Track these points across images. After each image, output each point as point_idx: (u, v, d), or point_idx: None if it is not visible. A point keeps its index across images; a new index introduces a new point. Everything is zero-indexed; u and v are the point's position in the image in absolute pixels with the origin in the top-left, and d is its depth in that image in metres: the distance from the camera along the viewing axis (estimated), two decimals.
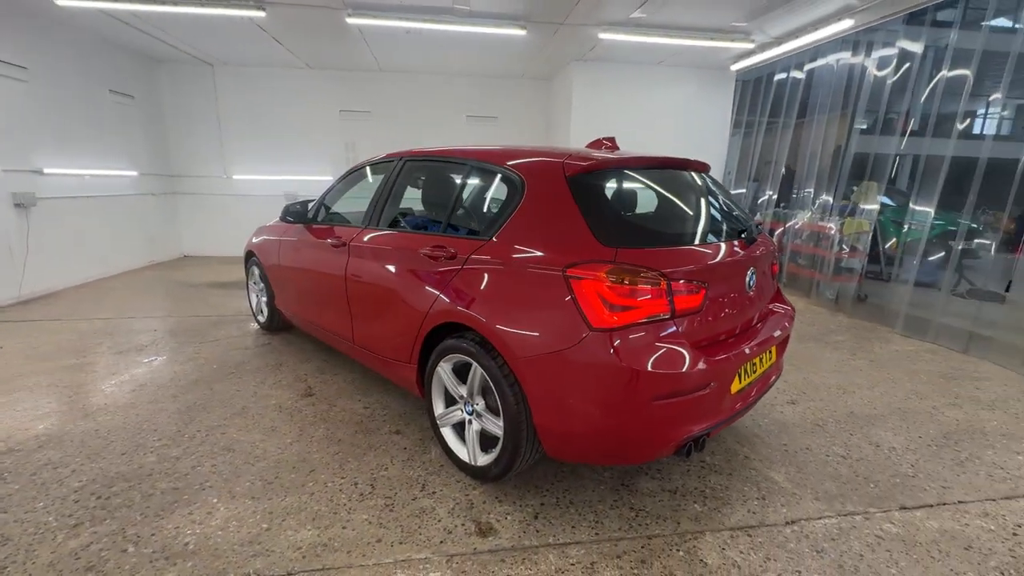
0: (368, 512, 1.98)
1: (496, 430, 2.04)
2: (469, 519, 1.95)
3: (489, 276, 2.03)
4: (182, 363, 3.51)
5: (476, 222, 2.32)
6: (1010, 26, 5.92)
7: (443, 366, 2.25)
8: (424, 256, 2.33)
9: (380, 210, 2.80)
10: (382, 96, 8.12)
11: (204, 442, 2.49)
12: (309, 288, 3.35)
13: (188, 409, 2.83)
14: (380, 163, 3.08)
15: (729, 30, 5.73)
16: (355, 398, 3.02)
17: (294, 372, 3.40)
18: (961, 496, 2.18)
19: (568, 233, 1.88)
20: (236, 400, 2.96)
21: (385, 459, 2.37)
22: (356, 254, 2.81)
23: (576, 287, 1.77)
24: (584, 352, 1.72)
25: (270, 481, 2.18)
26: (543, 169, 2.06)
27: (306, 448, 2.45)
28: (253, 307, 4.39)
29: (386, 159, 3.01)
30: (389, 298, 2.54)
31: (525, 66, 7.56)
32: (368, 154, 8.24)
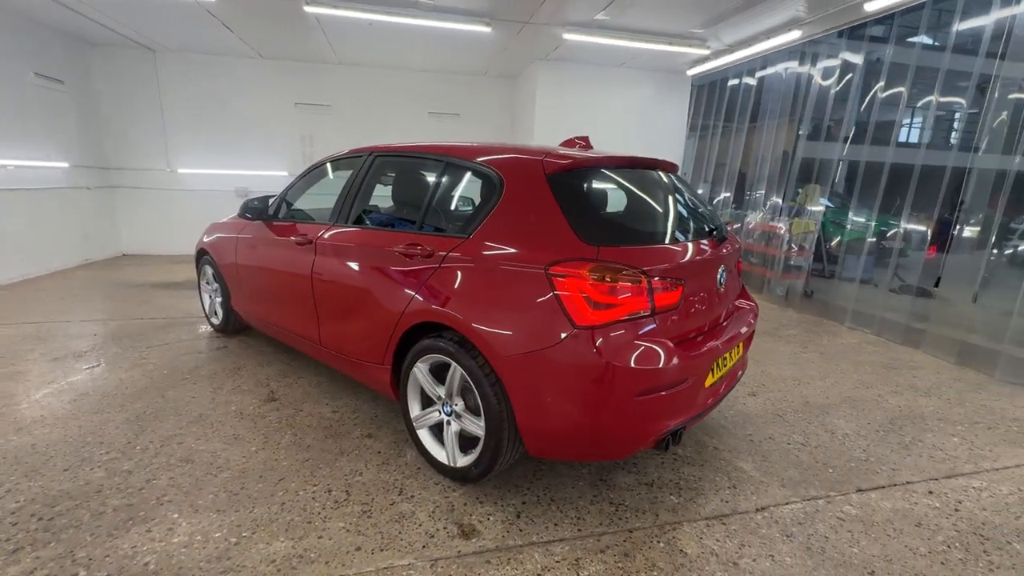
0: (344, 520, 1.91)
1: (477, 430, 2.01)
2: (451, 521, 1.92)
3: (468, 275, 2.01)
4: (128, 369, 3.27)
5: (451, 220, 2.27)
6: (935, 44, 6.44)
7: (419, 367, 2.21)
8: (398, 254, 2.27)
9: (349, 207, 2.70)
10: (341, 90, 7.86)
11: (159, 453, 2.32)
12: (270, 288, 3.20)
13: (138, 419, 2.64)
14: (346, 158, 2.98)
15: (687, 36, 5.92)
16: (322, 402, 2.91)
17: (254, 376, 3.23)
18: (908, 477, 2.35)
19: (549, 231, 1.88)
20: (192, 407, 2.78)
21: (359, 464, 2.29)
22: (323, 252, 2.70)
23: (559, 285, 1.77)
24: (568, 350, 1.73)
25: (236, 492, 2.06)
26: (522, 167, 2.05)
27: (273, 456, 2.33)
28: (206, 309, 4.15)
29: (353, 154, 2.92)
30: (360, 298, 2.46)
31: (489, 63, 7.53)
32: (326, 149, 7.95)
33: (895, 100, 5.41)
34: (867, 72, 6.63)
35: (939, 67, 5.08)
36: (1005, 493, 2.24)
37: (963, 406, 3.18)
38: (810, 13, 5.04)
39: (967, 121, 6.65)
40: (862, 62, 6.17)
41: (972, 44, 5.01)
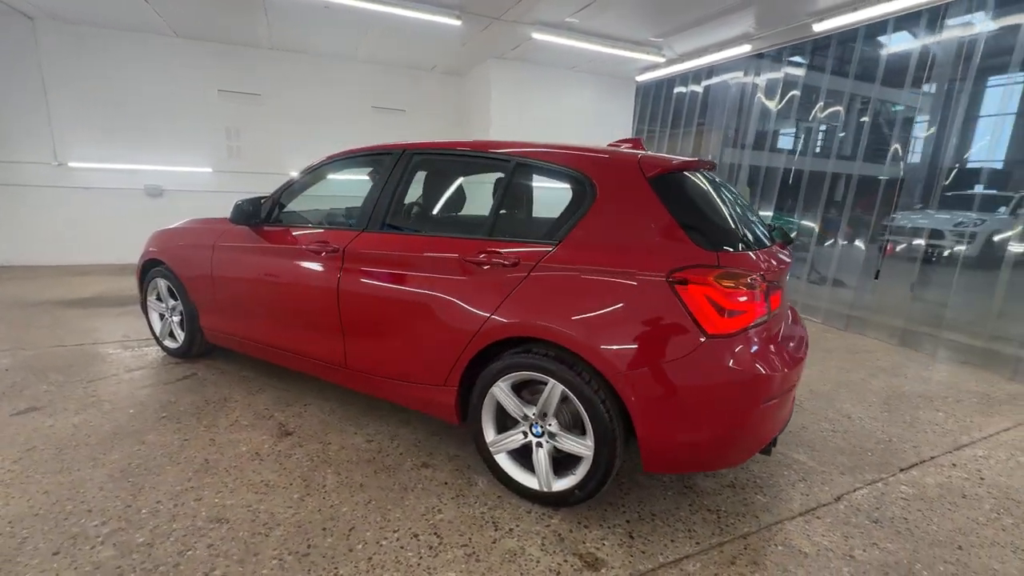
0: (453, 568, 1.68)
1: (581, 450, 1.87)
2: (569, 553, 1.77)
3: (568, 285, 1.86)
4: (78, 412, 2.63)
5: (528, 226, 2.11)
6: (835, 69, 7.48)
7: (500, 386, 2.01)
8: (468, 264, 2.05)
9: (384, 210, 2.40)
10: (273, 78, 7.10)
11: (176, 515, 1.88)
12: (267, 303, 2.76)
13: (124, 474, 2.12)
14: (367, 156, 2.65)
15: (645, 43, 6.15)
16: (348, 431, 2.56)
17: (250, 408, 2.77)
18: (930, 452, 2.61)
19: (660, 237, 1.80)
20: (191, 453, 2.30)
21: (431, 500, 2.04)
22: (355, 261, 2.37)
23: (683, 293, 1.70)
24: (701, 360, 1.66)
25: (304, 553, 1.72)
26: (616, 168, 1.94)
27: (325, 502, 1.99)
28: (157, 330, 3.49)
29: (376, 152, 2.60)
30: (413, 312, 2.19)
31: (439, 58, 7.24)
32: (257, 144, 7.16)
33: (788, 114, 6.26)
34: (769, 89, 7.45)
35: (823, 87, 5.99)
36: (1005, 458, 2.58)
37: (928, 384, 3.63)
38: (760, 30, 5.48)
39: (848, 134, 7.75)
40: (764, 81, 6.97)
41: (859, 70, 5.95)
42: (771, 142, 6.35)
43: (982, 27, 4.77)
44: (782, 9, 4.93)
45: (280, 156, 7.32)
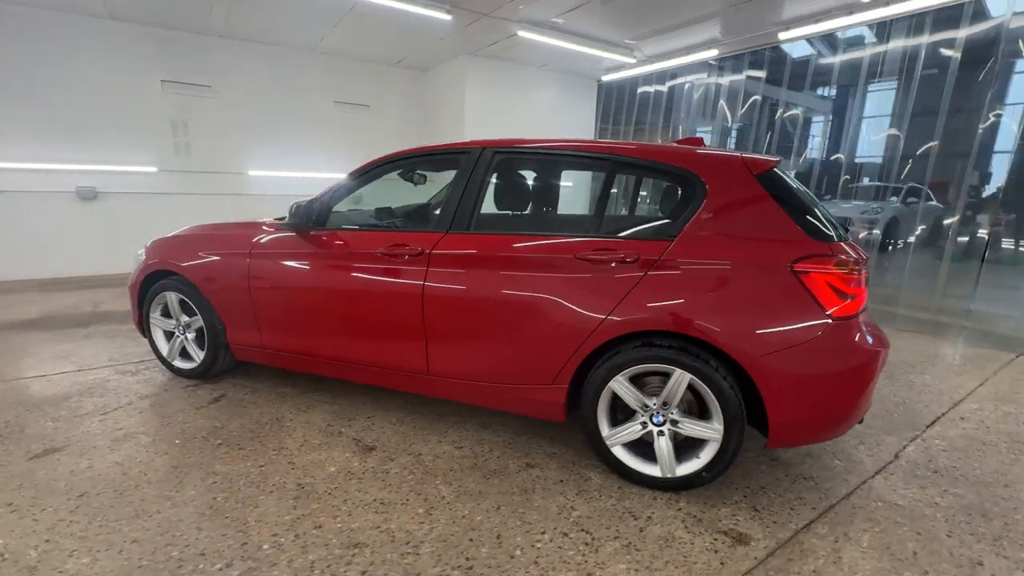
0: (618, 560, 1.71)
1: (707, 433, 1.97)
2: (713, 531, 1.86)
3: (696, 278, 1.94)
4: (113, 449, 2.31)
5: (636, 222, 2.16)
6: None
7: (619, 379, 2.06)
8: (580, 262, 2.07)
9: (469, 211, 2.34)
10: (226, 68, 6.51)
11: (307, 546, 1.73)
12: (327, 312, 2.59)
13: (216, 511, 1.91)
14: (436, 156, 2.57)
15: (619, 44, 6.40)
16: (432, 440, 2.48)
17: (311, 426, 2.58)
18: (940, 410, 3.02)
19: (776, 229, 1.94)
20: (276, 480, 2.11)
21: (557, 499, 2.04)
22: (444, 264, 2.29)
23: (807, 281, 1.85)
24: (828, 342, 1.82)
25: (468, 567, 1.67)
26: (724, 166, 2.05)
27: (455, 513, 1.93)
28: (164, 350, 3.12)
29: (448, 149, 2.52)
30: (517, 314, 2.17)
31: (407, 53, 7.04)
32: (208, 139, 6.53)
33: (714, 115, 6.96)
34: (702, 92, 8.12)
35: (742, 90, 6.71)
36: (993, 409, 3.06)
37: (900, 352, 4.17)
38: (728, 36, 5.91)
39: (760, 133, 8.57)
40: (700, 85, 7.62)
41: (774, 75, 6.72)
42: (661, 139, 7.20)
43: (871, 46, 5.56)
44: (752, 19, 5.36)
45: (235, 154, 6.74)
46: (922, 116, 5.92)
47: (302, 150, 7.25)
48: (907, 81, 5.91)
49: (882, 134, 6.77)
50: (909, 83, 5.86)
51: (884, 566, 1.71)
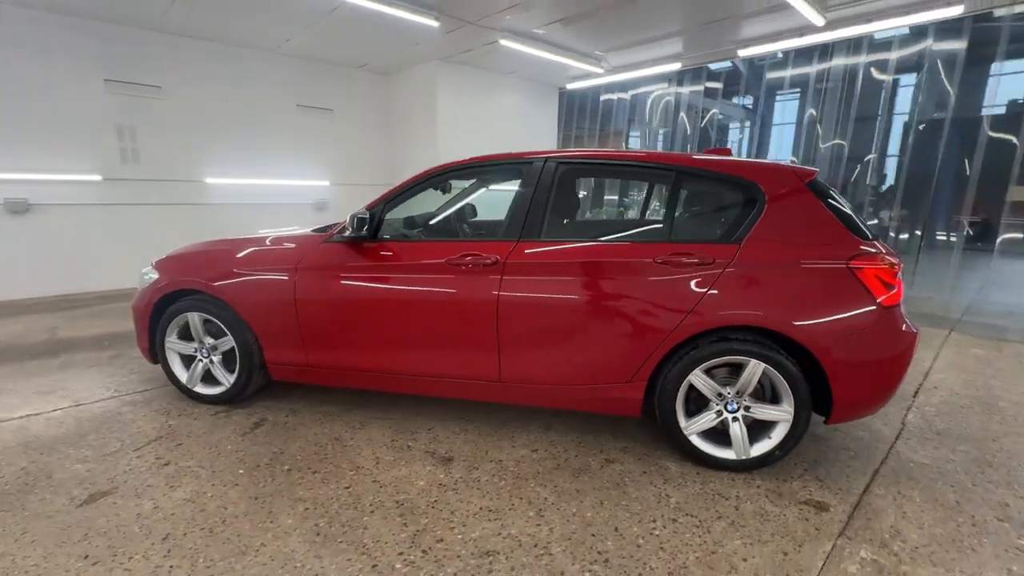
0: (731, 536, 1.87)
1: (779, 416, 2.19)
2: (796, 503, 2.08)
3: (766, 277, 2.16)
4: (173, 487, 2.13)
5: (703, 228, 2.35)
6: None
7: (698, 373, 2.23)
8: (658, 266, 2.23)
9: (540, 219, 2.41)
10: (177, 67, 6.02)
11: (440, 560, 1.73)
12: (389, 325, 2.54)
13: (325, 537, 1.84)
14: (498, 165, 2.61)
15: (591, 55, 6.68)
16: (506, 447, 2.51)
17: (376, 443, 2.52)
18: (917, 380, 3.50)
19: (827, 230, 2.20)
20: (371, 499, 2.06)
21: (650, 488, 2.17)
22: (518, 272, 2.35)
23: (861, 275, 2.12)
24: (881, 328, 2.11)
25: (604, 560, 1.75)
26: (779, 175, 2.29)
27: (565, 511, 2.00)
28: (183, 376, 2.88)
29: (511, 160, 2.57)
30: (597, 317, 2.28)
31: (374, 57, 6.88)
32: (157, 146, 5.99)
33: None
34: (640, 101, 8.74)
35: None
36: (956, 376, 3.59)
37: None
38: (690, 51, 6.38)
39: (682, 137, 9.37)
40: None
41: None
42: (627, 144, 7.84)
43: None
44: (714, 38, 5.85)
45: (191, 161, 6.24)
46: (828, 123, 6.78)
47: (264, 156, 6.84)
48: (812, 93, 6.77)
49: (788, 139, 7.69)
50: (815, 95, 6.72)
51: (941, 515, 2.02)
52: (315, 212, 7.48)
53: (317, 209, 7.48)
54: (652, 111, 8.42)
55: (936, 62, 5.88)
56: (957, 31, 5.57)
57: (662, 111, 8.21)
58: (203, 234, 6.37)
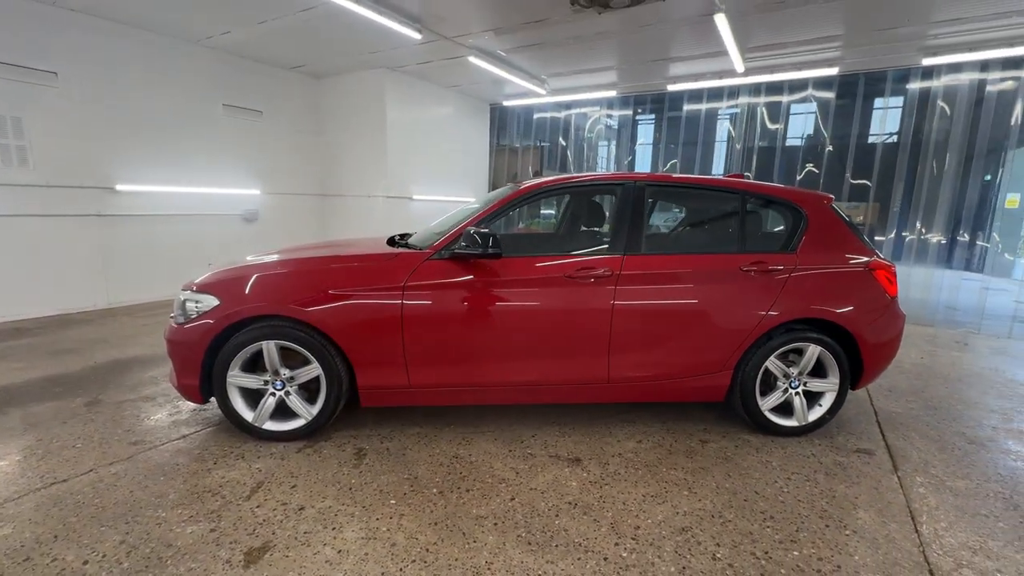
0: (834, 483, 2.38)
1: (828, 387, 2.80)
2: (851, 452, 2.69)
3: (819, 279, 2.75)
4: (342, 528, 1.97)
5: (763, 240, 2.85)
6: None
7: (773, 359, 2.75)
8: (746, 273, 2.69)
9: (638, 234, 2.71)
10: (77, 52, 5.03)
11: (653, 543, 1.93)
12: (508, 339, 2.61)
13: (541, 546, 1.91)
14: (595, 185, 2.85)
15: (538, 78, 7.12)
16: (614, 442, 2.74)
17: (497, 456, 2.57)
18: None
19: (852, 244, 2.88)
20: (548, 503, 2.16)
21: (752, 458, 2.60)
22: (629, 282, 2.62)
23: (876, 276, 2.84)
24: (890, 312, 2.84)
25: (771, 517, 2.11)
26: (814, 199, 2.91)
27: (711, 487, 2.33)
28: (249, 415, 2.57)
29: (606, 181, 2.85)
30: (696, 318, 2.67)
31: (316, 58, 6.44)
32: (55, 144, 4.93)
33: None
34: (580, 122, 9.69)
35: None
36: None
37: None
38: (625, 82, 7.19)
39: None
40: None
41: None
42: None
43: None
44: (647, 74, 6.71)
45: (96, 164, 5.21)
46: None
47: (186, 160, 5.95)
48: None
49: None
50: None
51: (938, 445, 2.79)
52: (244, 224, 6.69)
53: (246, 220, 6.70)
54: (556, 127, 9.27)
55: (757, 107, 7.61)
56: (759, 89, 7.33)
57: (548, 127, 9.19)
58: (116, 252, 5.37)
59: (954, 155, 6.42)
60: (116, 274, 5.51)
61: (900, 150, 6.79)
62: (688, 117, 7.95)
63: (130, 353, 3.99)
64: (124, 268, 5.56)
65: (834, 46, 5.58)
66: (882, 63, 5.93)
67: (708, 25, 4.71)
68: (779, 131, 7.50)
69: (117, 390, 3.25)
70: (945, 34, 5.03)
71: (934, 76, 6.32)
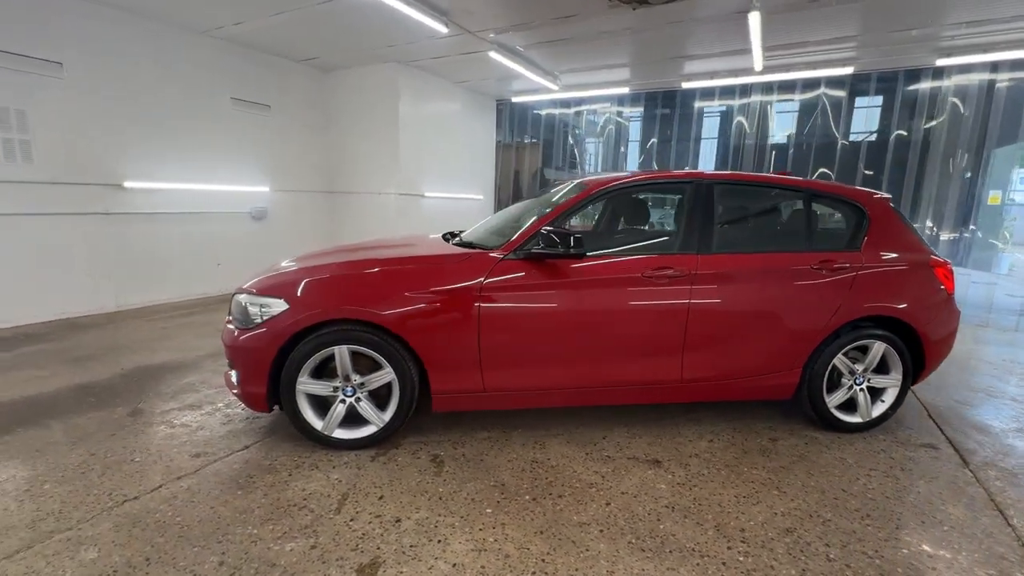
0: (914, 478, 2.41)
1: (890, 383, 2.83)
2: (917, 447, 2.72)
3: (883, 277, 2.77)
4: (448, 542, 1.90)
5: (827, 239, 2.87)
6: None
7: (840, 356, 2.76)
8: (816, 271, 2.70)
9: (708, 233, 2.69)
10: (85, 42, 4.76)
11: (764, 544, 1.91)
12: (583, 340, 2.57)
13: (660, 549, 1.87)
14: (665, 183, 2.82)
15: (552, 74, 7.05)
16: (687, 443, 2.73)
17: (579, 460, 2.52)
18: None
19: (911, 241, 2.92)
20: (645, 508, 2.12)
21: (827, 455, 2.62)
22: (705, 282, 2.60)
23: (937, 272, 2.88)
24: (949, 308, 2.88)
25: (867, 515, 2.12)
26: (875, 198, 2.94)
27: (798, 484, 2.33)
28: (319, 423, 2.47)
29: (673, 179, 2.82)
30: (771, 317, 2.67)
31: (328, 51, 6.24)
32: (58, 138, 4.71)
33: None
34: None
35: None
36: None
37: None
38: (637, 80, 7.18)
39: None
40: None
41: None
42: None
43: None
44: (663, 71, 6.72)
45: (102, 159, 4.95)
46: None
47: (196, 156, 5.70)
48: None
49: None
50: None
51: (1008, 444, 2.85)
52: (252, 222, 6.47)
53: (255, 219, 6.48)
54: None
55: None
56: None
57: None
58: (124, 252, 5.11)
59: (937, 153, 6.63)
60: (124, 276, 5.26)
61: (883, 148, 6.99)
62: (682, 114, 7.95)
63: (156, 359, 3.81)
64: (132, 269, 5.31)
65: (850, 46, 5.67)
66: (896, 63, 6.06)
67: (738, 23, 4.72)
68: (756, 130, 7.59)
69: (157, 399, 3.09)
70: (962, 35, 5.15)
71: (921, 78, 6.50)
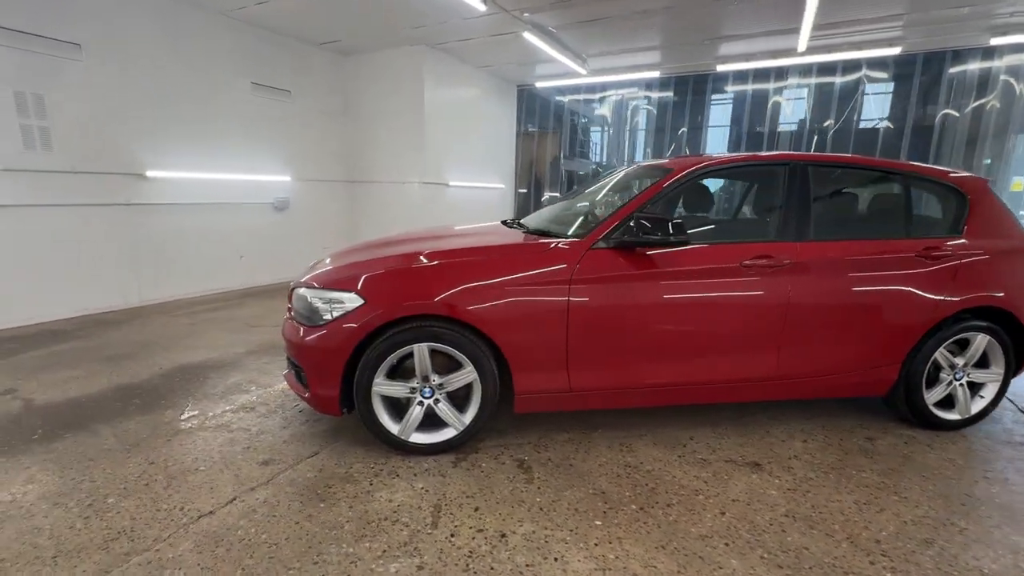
0: (1017, 474, 2.26)
1: (991, 378, 2.66)
2: (1017, 444, 2.58)
3: (986, 264, 2.58)
4: (559, 547, 1.72)
5: (928, 224, 2.69)
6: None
7: (942, 350, 2.59)
8: (921, 259, 2.51)
9: (805, 219, 2.50)
10: (104, 22, 4.49)
11: (902, 553, 1.75)
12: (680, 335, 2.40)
13: (782, 553, 1.71)
14: (757, 165, 2.64)
15: (581, 57, 6.80)
16: (778, 443, 2.56)
17: (673, 465, 2.35)
18: None
19: (1012, 226, 2.73)
20: (766, 517, 1.96)
21: (931, 455, 2.45)
22: (807, 272, 2.42)
23: None
24: None
25: (998, 524, 1.96)
26: (976, 181, 2.74)
27: (916, 492, 2.16)
28: (395, 427, 2.29)
29: (766, 161, 2.62)
30: (878, 307, 2.50)
31: (352, 32, 5.96)
32: (78, 124, 4.44)
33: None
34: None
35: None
36: None
37: None
38: (668, 63, 6.94)
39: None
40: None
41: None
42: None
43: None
44: (697, 54, 6.48)
45: (123, 147, 4.71)
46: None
47: (217, 144, 5.46)
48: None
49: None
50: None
51: None
52: (275, 213, 6.25)
53: (277, 209, 6.25)
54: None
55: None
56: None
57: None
58: (147, 244, 4.89)
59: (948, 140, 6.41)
60: (147, 269, 5.04)
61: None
62: (693, 102, 7.63)
63: (194, 358, 3.61)
64: (154, 263, 5.10)
65: (897, 25, 5.44)
66: (947, 43, 5.83)
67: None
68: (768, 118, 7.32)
69: (206, 400, 2.90)
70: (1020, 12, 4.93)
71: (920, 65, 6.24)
